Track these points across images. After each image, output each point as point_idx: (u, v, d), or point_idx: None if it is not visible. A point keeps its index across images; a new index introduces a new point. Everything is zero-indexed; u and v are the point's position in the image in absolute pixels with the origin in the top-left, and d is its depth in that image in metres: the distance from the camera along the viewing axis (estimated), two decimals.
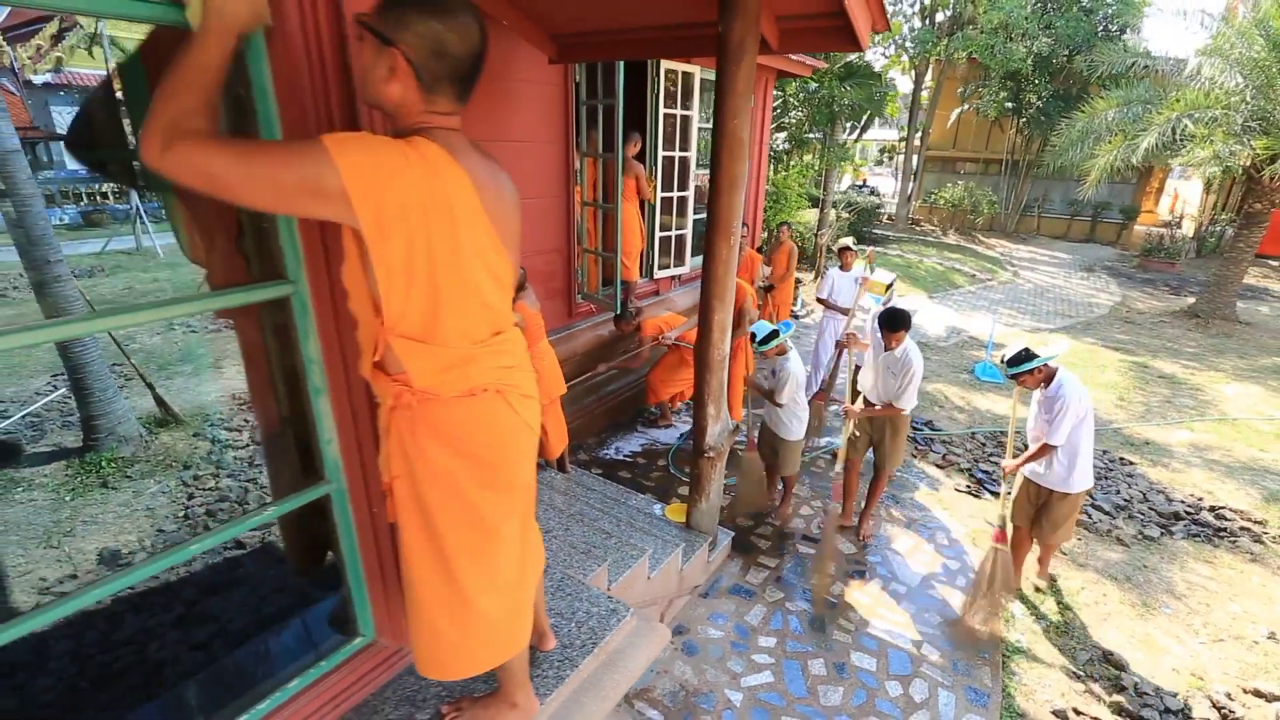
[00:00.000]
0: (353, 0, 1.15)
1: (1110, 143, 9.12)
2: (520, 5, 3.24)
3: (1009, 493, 3.27)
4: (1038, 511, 3.20)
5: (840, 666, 2.90)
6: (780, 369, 3.45)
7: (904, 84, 18.60)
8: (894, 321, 3.32)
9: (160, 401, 4.97)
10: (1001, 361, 3.03)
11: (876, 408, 3.49)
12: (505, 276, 1.19)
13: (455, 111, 1.12)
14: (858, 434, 3.64)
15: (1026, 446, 3.19)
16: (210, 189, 0.93)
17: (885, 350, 3.39)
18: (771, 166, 10.42)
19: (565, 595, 1.99)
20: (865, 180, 20.80)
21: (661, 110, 5.06)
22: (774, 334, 3.40)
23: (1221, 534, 4.00)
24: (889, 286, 4.08)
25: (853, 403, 3.64)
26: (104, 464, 4.34)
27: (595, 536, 2.77)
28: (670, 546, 2.95)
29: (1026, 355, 2.91)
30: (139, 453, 4.56)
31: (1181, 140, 8.45)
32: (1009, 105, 15.36)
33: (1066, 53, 13.89)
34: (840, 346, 4.78)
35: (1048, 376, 2.95)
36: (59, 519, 3.83)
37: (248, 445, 4.82)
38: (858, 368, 3.72)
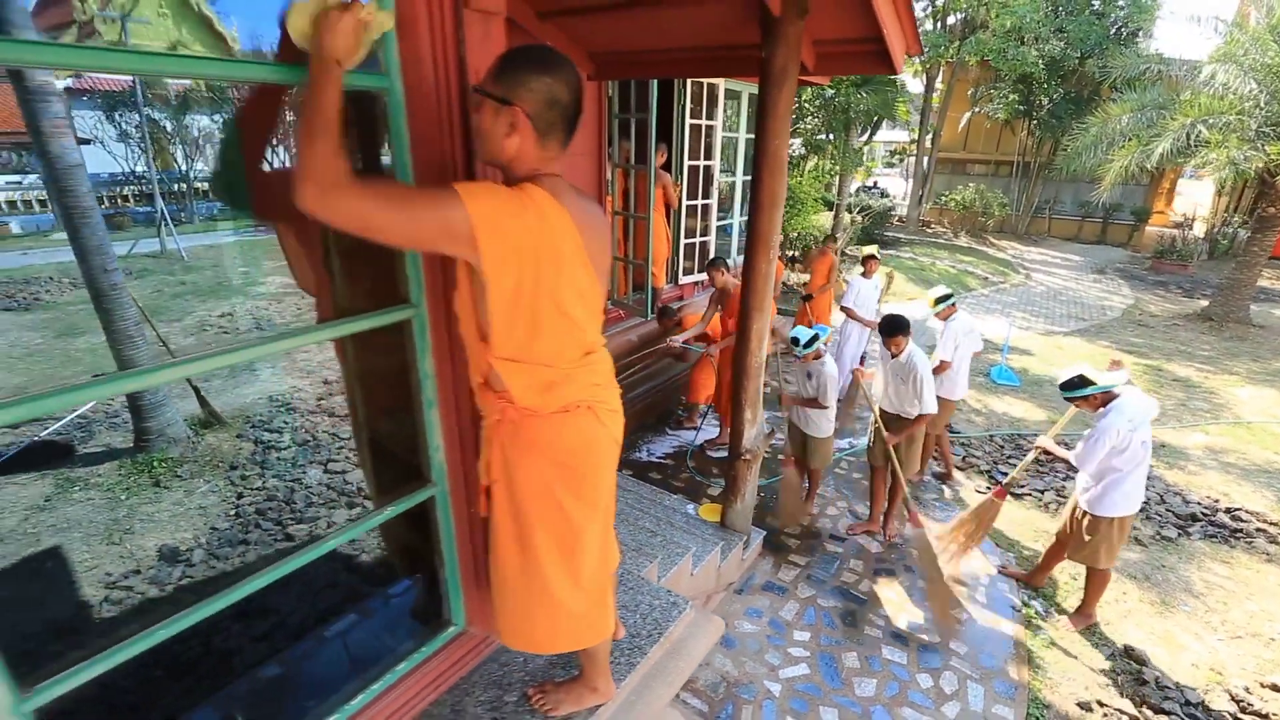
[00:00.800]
0: (478, 64, 1.30)
1: (1124, 147, 9.20)
2: (563, 25, 3.40)
3: (1030, 462, 3.46)
4: (1074, 524, 3.22)
5: (873, 659, 3.03)
6: (818, 373, 3.57)
7: (914, 86, 18.68)
8: (892, 328, 3.42)
9: (204, 403, 5.15)
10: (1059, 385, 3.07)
11: (891, 430, 3.60)
12: (596, 304, 1.34)
13: (559, 155, 1.27)
14: (871, 442, 3.76)
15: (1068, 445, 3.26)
16: (360, 230, 1.04)
17: (891, 358, 3.50)
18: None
19: (628, 589, 2.14)
20: (876, 182, 20.88)
21: (688, 121, 5.20)
22: (815, 338, 3.52)
23: (1238, 535, 4.11)
24: (939, 300, 4.19)
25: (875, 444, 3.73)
26: (155, 464, 4.52)
27: (641, 535, 2.92)
28: (710, 545, 3.10)
29: (1080, 382, 2.92)
30: (187, 453, 4.74)
31: (1196, 145, 8.53)
32: (1020, 108, 15.41)
33: (1078, 56, 13.94)
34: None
35: (1105, 401, 2.94)
36: (117, 517, 4.01)
37: (289, 447, 5.00)
38: (882, 411, 3.73)
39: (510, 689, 1.75)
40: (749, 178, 6.35)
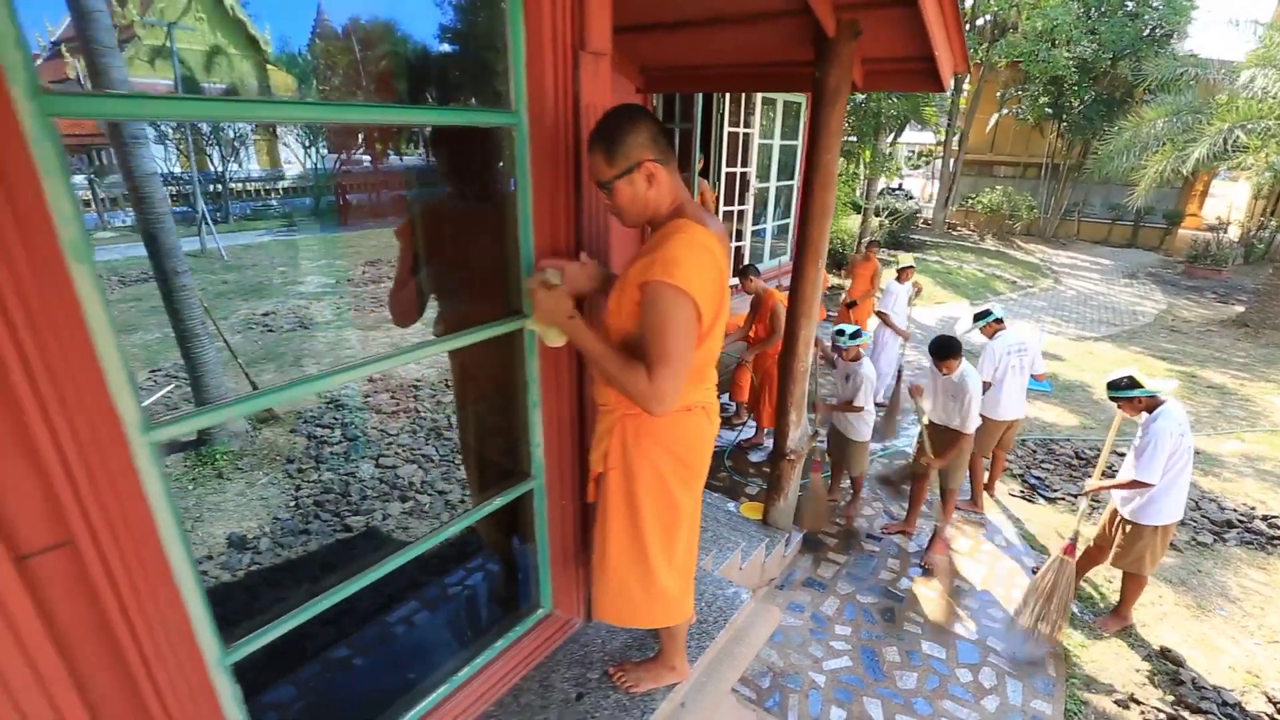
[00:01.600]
0: (589, 98, 1.45)
1: (1159, 152, 9.14)
2: (616, 40, 3.54)
3: (1087, 510, 3.30)
4: (1114, 532, 3.25)
5: (913, 654, 3.15)
6: (854, 374, 3.65)
7: None
8: (942, 350, 3.44)
9: None
10: (1106, 384, 3.10)
11: (937, 444, 3.62)
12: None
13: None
14: (916, 454, 3.81)
15: (1114, 469, 3.25)
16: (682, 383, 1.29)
17: (941, 375, 3.53)
18: None
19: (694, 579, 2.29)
20: (901, 184, 20.79)
21: (726, 129, 5.33)
22: (859, 333, 3.60)
23: (1275, 541, 4.14)
24: (979, 317, 4.17)
25: (920, 455, 3.72)
26: (218, 456, 4.76)
27: None
28: (756, 541, 3.24)
29: (1128, 383, 2.96)
30: (246, 446, 4.98)
31: (1233, 150, 8.45)
32: (1049, 110, 15.27)
33: (1110, 58, 13.79)
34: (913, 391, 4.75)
35: (1149, 407, 2.98)
36: (186, 505, 4.24)
37: (340, 442, 5.22)
38: (930, 423, 3.74)
39: (592, 667, 1.90)
40: (782, 183, 6.47)
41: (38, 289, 0.80)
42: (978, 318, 4.21)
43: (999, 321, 4.16)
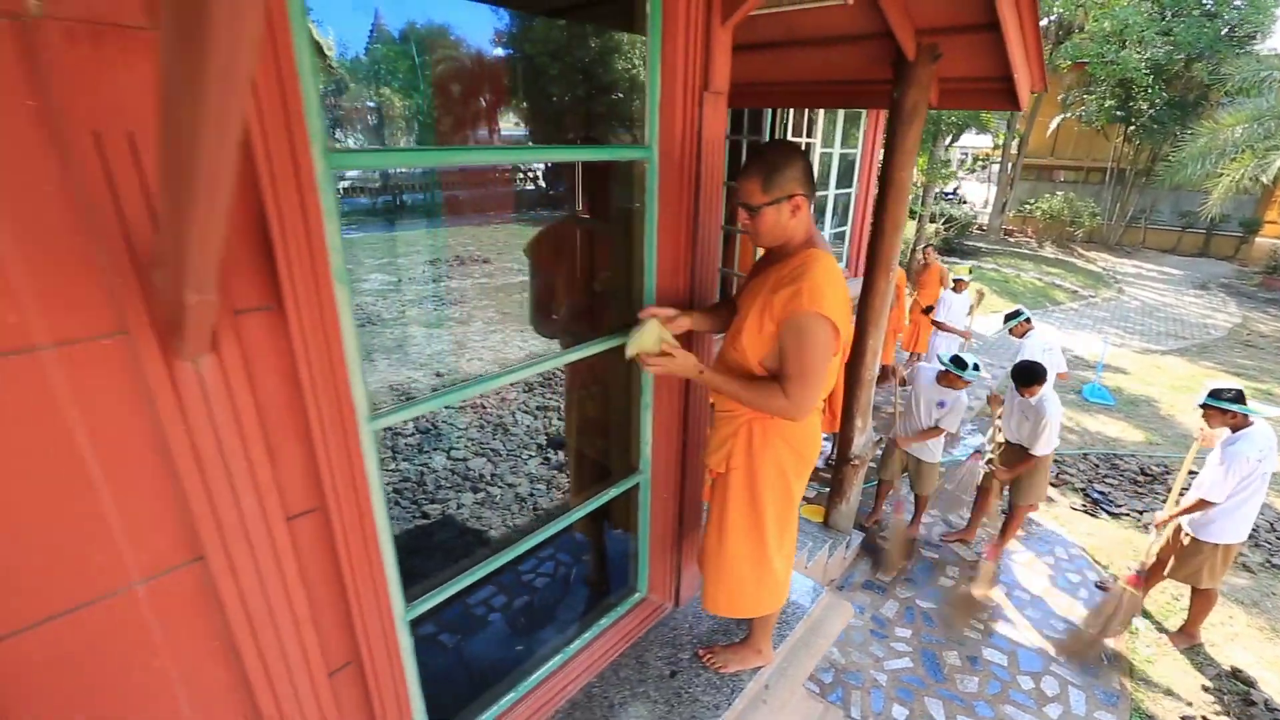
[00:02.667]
0: (710, 133, 1.62)
1: (1237, 159, 8.79)
2: None
3: (1155, 541, 3.33)
4: (1176, 545, 3.25)
5: (974, 659, 3.21)
6: (955, 401, 3.58)
7: None
8: (1027, 378, 3.42)
9: None
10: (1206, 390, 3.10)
11: (1006, 462, 3.66)
12: None
13: None
14: (992, 467, 3.82)
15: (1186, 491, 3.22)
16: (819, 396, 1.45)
17: (1020, 397, 3.53)
18: None
19: None
20: (958, 189, 20.34)
21: (789, 138, 5.43)
22: (978, 365, 3.55)
23: None
24: (1010, 318, 4.29)
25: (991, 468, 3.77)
26: None
27: None
28: (820, 542, 3.36)
29: (1234, 396, 2.97)
30: None
31: None
32: (1117, 113, 14.72)
33: (1184, 59, 13.23)
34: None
35: (1235, 426, 2.99)
36: None
37: (413, 434, 5.54)
38: (1005, 441, 3.77)
39: (682, 648, 2.07)
40: (840, 191, 6.52)
41: (318, 304, 1.01)
42: (1008, 318, 4.36)
43: (1028, 321, 4.32)
